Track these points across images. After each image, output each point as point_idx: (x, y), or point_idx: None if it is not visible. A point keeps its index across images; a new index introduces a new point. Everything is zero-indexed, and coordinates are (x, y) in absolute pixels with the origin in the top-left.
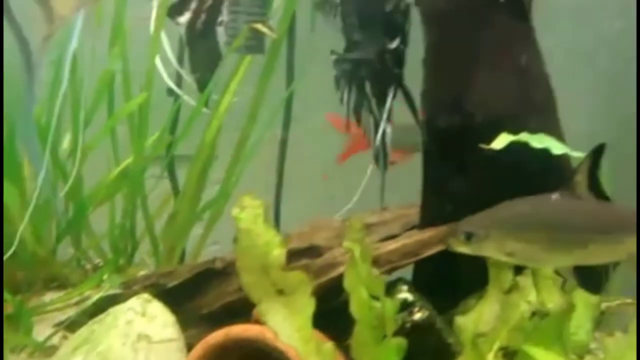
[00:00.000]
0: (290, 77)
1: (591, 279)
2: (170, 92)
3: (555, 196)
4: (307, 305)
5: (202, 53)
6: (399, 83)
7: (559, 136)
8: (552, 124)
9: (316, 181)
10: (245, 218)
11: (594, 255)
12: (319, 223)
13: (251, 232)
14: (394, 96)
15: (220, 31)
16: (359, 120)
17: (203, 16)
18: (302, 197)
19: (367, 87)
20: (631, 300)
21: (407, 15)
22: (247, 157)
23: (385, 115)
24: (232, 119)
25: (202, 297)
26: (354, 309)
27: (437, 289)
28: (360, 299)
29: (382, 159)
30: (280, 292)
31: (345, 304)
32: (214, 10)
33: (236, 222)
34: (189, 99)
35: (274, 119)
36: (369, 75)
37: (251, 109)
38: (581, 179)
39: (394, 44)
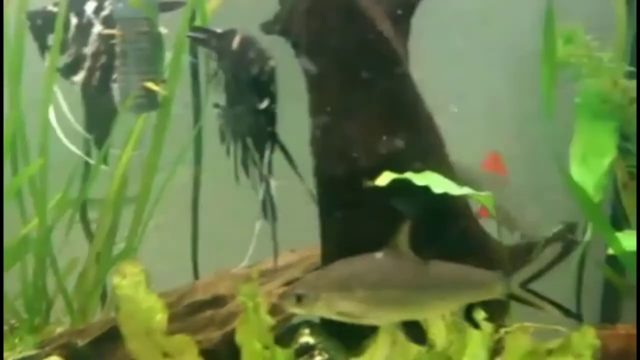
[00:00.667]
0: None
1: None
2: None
3: (379, 255)
4: None
5: (98, 111)
6: (274, 139)
7: (448, 172)
8: (438, 163)
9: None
10: (126, 285)
11: (424, 312)
12: (224, 272)
13: (133, 298)
14: (271, 151)
15: (115, 88)
16: (247, 173)
17: (97, 74)
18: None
19: (249, 142)
20: (530, 324)
21: (273, 77)
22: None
23: (266, 169)
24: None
25: (112, 353)
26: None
27: (343, 329)
28: (252, 352)
29: (270, 210)
30: (166, 355)
31: None
32: (108, 68)
33: (116, 290)
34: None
35: (176, 167)
36: (248, 132)
37: (148, 163)
38: (403, 237)
39: (263, 104)
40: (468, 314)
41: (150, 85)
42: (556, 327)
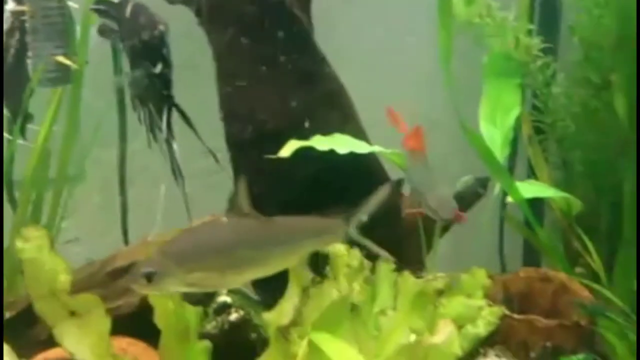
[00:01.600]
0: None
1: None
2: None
3: (223, 218)
4: (102, 324)
5: (14, 85)
6: (171, 103)
7: (357, 131)
8: (345, 124)
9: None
10: (30, 249)
11: (271, 267)
12: (147, 240)
13: (36, 261)
14: (169, 115)
15: (30, 63)
16: (154, 138)
17: (12, 50)
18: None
19: (151, 107)
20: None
21: (164, 41)
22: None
23: (167, 132)
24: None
25: (39, 324)
26: (159, 319)
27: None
28: (164, 310)
29: (177, 171)
30: (73, 314)
31: None
32: (23, 44)
33: (20, 254)
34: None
35: (95, 139)
36: (149, 97)
37: (64, 137)
38: (243, 197)
39: (157, 69)
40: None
41: (62, 59)
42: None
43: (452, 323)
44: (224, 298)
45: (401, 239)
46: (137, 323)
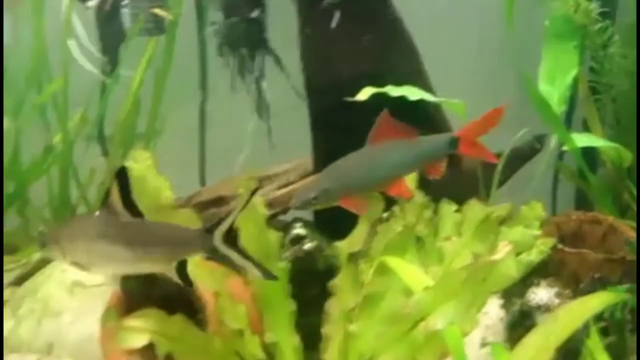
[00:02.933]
0: (203, 54)
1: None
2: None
3: (97, 214)
4: None
5: (110, 33)
6: (265, 46)
7: (424, 85)
8: (416, 77)
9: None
10: (138, 168)
11: (137, 266)
12: (227, 178)
13: (144, 178)
14: (263, 57)
15: (125, 12)
16: (243, 79)
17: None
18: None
19: (243, 51)
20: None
21: None
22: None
23: (259, 73)
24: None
25: None
26: (244, 241)
27: (332, 223)
28: (248, 233)
29: (264, 109)
30: None
31: None
32: None
33: (130, 171)
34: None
35: (183, 90)
36: (242, 41)
37: (156, 85)
38: (115, 197)
39: (254, 14)
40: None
41: (158, 10)
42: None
43: (510, 244)
44: (298, 230)
45: (461, 185)
46: None
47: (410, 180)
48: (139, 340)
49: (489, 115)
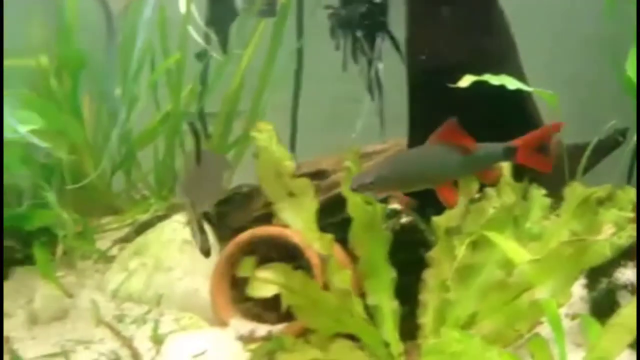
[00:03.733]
0: (300, 32)
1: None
2: (198, 56)
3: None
4: (311, 204)
5: (220, 11)
6: (385, 29)
7: (520, 75)
8: (513, 67)
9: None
10: (262, 138)
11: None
12: (325, 154)
13: (267, 148)
14: (383, 39)
15: None
16: (355, 60)
17: None
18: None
19: (359, 33)
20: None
21: None
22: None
23: (376, 54)
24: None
25: (232, 214)
26: (350, 209)
27: (426, 200)
28: (355, 202)
29: (378, 90)
30: (291, 195)
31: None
32: None
33: (255, 141)
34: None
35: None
36: (361, 24)
37: (264, 65)
38: None
39: None
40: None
41: None
42: None
43: (613, 227)
44: (394, 205)
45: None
46: None
47: (505, 166)
48: (269, 290)
49: (547, 128)
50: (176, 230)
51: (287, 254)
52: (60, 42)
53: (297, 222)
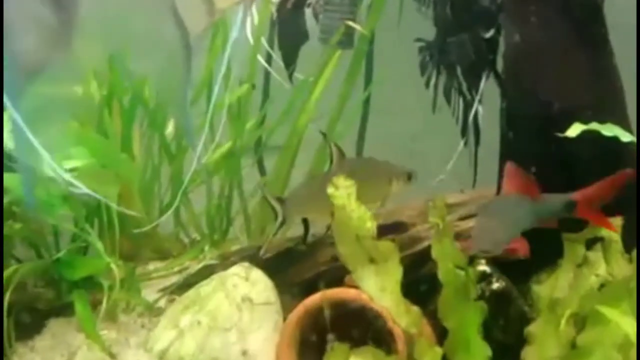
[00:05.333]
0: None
1: None
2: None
3: None
4: (396, 272)
5: (289, 31)
6: (493, 68)
7: (627, 126)
8: (620, 115)
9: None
10: (340, 196)
11: None
12: (403, 202)
13: (346, 207)
14: (487, 78)
15: (308, 12)
16: (449, 101)
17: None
18: None
19: (458, 71)
20: None
21: (501, 7)
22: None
23: (478, 97)
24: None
25: (294, 268)
26: (442, 275)
27: (511, 263)
28: (446, 267)
29: (475, 136)
30: (372, 261)
31: (427, 275)
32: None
33: (332, 199)
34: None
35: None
36: (462, 61)
37: (339, 100)
38: None
39: (489, 34)
40: None
41: (351, 23)
42: None
43: None
44: (484, 267)
45: None
46: None
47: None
48: None
49: (613, 180)
50: (237, 285)
51: (362, 320)
52: (113, 68)
53: (380, 292)
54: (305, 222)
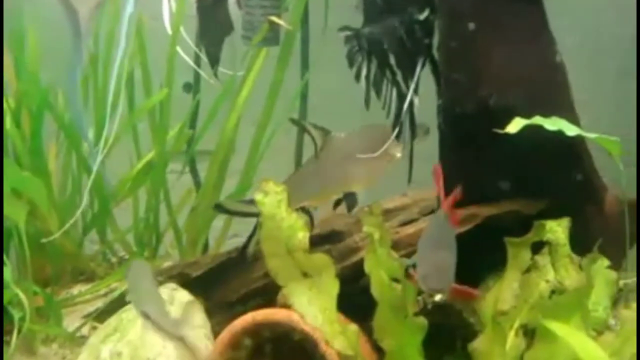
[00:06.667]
0: (305, 66)
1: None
2: (186, 88)
3: None
4: (332, 287)
5: (213, 24)
6: (429, 53)
7: (574, 119)
8: (566, 107)
9: None
10: (269, 203)
11: None
12: (339, 210)
13: (275, 216)
14: (423, 66)
15: (232, 1)
16: (379, 94)
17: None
18: None
19: (392, 59)
20: None
21: None
22: (264, 148)
23: (413, 86)
24: (249, 112)
25: (226, 285)
26: (375, 290)
27: (457, 270)
28: (380, 281)
29: (410, 129)
30: (305, 275)
31: (366, 287)
32: None
33: (260, 206)
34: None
35: (291, 109)
36: (395, 48)
37: (267, 100)
38: None
39: (423, 15)
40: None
41: (275, 19)
42: None
43: None
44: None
45: (600, 232)
46: None
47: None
48: None
49: None
50: None
51: (294, 343)
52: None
53: (313, 310)
54: (304, 210)
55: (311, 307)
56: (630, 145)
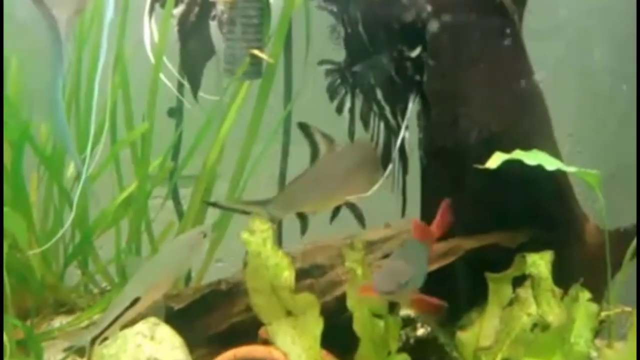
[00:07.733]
0: (288, 95)
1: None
2: (170, 113)
3: None
4: (316, 326)
5: (194, 47)
6: (420, 90)
7: (554, 150)
8: (546, 140)
9: None
10: (255, 241)
11: None
12: (321, 242)
13: (260, 254)
14: (414, 101)
15: (214, 25)
16: (367, 126)
17: (196, 9)
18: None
19: (379, 94)
20: (630, 308)
21: (427, 25)
22: (248, 175)
23: (405, 122)
24: (233, 137)
25: (208, 318)
26: (357, 326)
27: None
28: (362, 317)
29: (402, 163)
30: (289, 313)
31: (349, 321)
32: (207, 4)
33: (246, 245)
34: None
35: (274, 136)
36: (383, 83)
37: (250, 128)
38: None
39: (415, 53)
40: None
41: (257, 52)
42: None
43: None
44: (408, 312)
45: (581, 262)
46: None
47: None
48: None
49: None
50: (141, 345)
51: None
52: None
53: (297, 349)
54: (300, 215)
55: (295, 347)
56: None
